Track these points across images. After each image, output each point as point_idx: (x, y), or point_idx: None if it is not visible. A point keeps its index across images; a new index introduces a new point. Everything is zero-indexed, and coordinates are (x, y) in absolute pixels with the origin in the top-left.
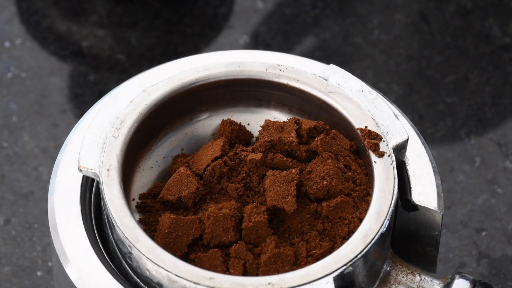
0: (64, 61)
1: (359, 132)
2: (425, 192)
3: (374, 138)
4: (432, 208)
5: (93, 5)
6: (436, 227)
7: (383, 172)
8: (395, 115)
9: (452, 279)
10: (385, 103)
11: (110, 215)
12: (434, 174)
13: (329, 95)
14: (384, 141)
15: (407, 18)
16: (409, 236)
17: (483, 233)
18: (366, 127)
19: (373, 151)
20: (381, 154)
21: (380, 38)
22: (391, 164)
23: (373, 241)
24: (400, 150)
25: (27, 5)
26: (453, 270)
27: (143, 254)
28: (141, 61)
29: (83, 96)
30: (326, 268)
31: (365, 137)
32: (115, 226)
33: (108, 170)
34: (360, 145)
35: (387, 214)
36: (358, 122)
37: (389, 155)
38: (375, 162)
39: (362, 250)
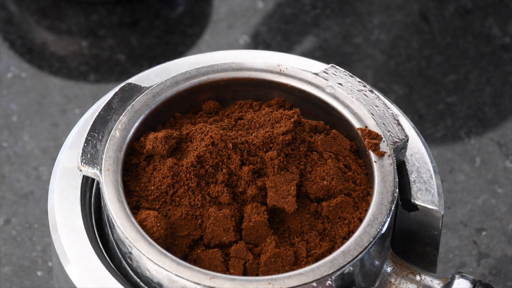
0: (64, 61)
1: (359, 132)
2: (425, 192)
3: (374, 138)
4: (432, 208)
5: (94, 5)
6: (436, 227)
7: (383, 172)
8: (395, 115)
9: (452, 279)
10: (385, 103)
11: (110, 215)
12: (434, 174)
13: (329, 95)
14: (384, 141)
15: (407, 18)
16: (409, 236)
17: (483, 233)
18: (366, 127)
19: (373, 151)
20: (381, 154)
21: (380, 38)
22: (391, 164)
23: (373, 241)
24: (400, 150)
25: (27, 5)
26: (453, 270)
27: (143, 254)
28: (141, 61)
29: (83, 96)
30: (326, 268)
31: (365, 137)
32: (115, 226)
33: (108, 170)
34: (360, 145)
35: (387, 214)
36: (358, 122)
37: (389, 155)
38: (375, 162)
39: (362, 250)
